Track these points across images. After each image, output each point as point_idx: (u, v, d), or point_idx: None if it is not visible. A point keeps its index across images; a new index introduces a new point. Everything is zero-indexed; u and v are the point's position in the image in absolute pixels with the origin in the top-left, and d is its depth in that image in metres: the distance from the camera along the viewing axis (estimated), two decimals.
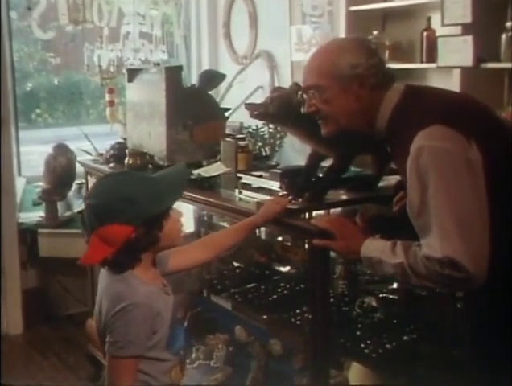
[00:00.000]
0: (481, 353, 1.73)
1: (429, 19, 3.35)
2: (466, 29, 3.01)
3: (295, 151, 3.59)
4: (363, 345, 2.30)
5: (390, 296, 2.51)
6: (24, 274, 4.20)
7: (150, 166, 2.96)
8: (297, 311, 2.53)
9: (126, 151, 3.05)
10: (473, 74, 3.02)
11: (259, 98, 2.82)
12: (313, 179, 2.25)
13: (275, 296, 2.76)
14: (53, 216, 4.12)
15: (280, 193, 2.24)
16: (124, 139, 3.38)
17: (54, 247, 4.03)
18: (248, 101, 2.86)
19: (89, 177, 3.46)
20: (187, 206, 3.14)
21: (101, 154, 3.44)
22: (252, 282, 2.92)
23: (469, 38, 2.97)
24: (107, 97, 4.25)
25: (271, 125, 3.72)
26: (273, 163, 2.90)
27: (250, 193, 2.37)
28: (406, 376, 2.20)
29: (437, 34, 3.24)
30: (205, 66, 4.89)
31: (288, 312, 2.54)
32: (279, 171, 2.34)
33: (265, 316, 2.58)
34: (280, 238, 2.99)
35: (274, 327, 2.60)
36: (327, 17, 4.00)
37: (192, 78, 4.83)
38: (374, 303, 2.54)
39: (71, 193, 4.24)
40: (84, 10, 4.28)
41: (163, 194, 1.69)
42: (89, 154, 3.84)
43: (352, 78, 1.78)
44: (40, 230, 4.11)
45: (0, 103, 3.95)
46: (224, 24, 4.86)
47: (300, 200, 2.13)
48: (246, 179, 2.44)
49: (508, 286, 1.62)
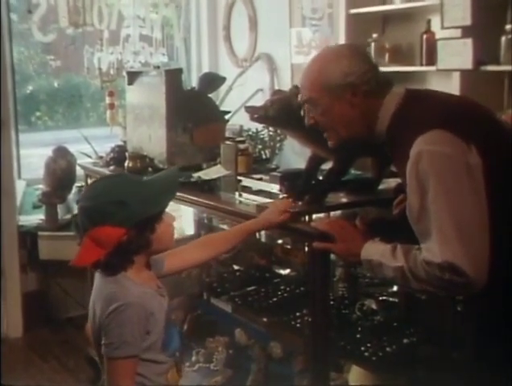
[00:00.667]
0: (481, 356, 1.72)
1: (429, 22, 3.35)
2: (466, 32, 3.01)
3: (295, 154, 3.59)
4: (363, 348, 2.30)
5: (390, 299, 2.51)
6: (24, 277, 4.20)
7: (150, 169, 2.96)
8: (297, 314, 2.53)
9: (126, 154, 3.05)
10: (473, 77, 3.02)
11: (259, 101, 2.83)
12: (313, 182, 2.25)
13: (275, 299, 2.76)
14: (53, 219, 4.12)
15: (280, 196, 2.24)
16: (124, 142, 3.38)
17: (54, 250, 4.02)
18: (248, 104, 2.86)
19: (89, 180, 3.46)
20: (187, 209, 3.16)
21: (101, 157, 3.44)
22: (252, 285, 2.92)
23: (469, 40, 2.97)
24: (107, 100, 4.26)
25: (271, 128, 3.73)
26: (273, 166, 2.91)
27: (250, 196, 2.37)
28: (406, 379, 2.20)
29: (437, 36, 3.24)
30: (205, 69, 4.89)
31: (288, 315, 2.54)
32: (279, 174, 2.34)
33: (265, 319, 2.58)
34: (280, 241, 3.00)
35: (274, 330, 2.60)
36: (327, 19, 4.00)
37: (192, 81, 4.83)
38: (374, 306, 2.53)
39: (71, 196, 4.23)
40: (84, 13, 4.28)
41: (155, 197, 1.70)
42: (89, 157, 3.84)
43: (343, 87, 1.79)
44: (40, 233, 4.11)
45: (0, 105, 3.95)
46: (224, 27, 4.86)
47: (300, 203, 2.13)
48: (246, 182, 2.45)
49: (508, 289, 1.62)
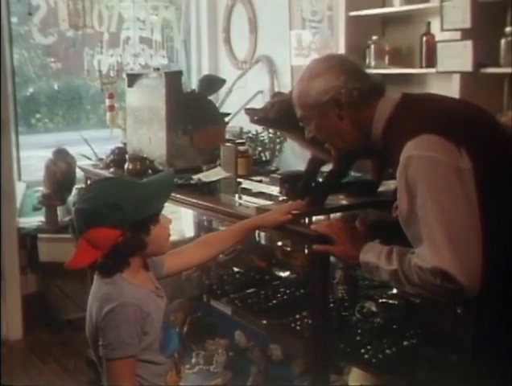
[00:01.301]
0: (481, 358, 1.72)
1: (429, 24, 3.35)
2: (466, 34, 3.01)
3: (295, 156, 3.59)
4: (363, 350, 2.30)
5: (390, 301, 2.51)
6: (24, 279, 4.20)
7: (150, 171, 2.95)
8: (297, 316, 2.54)
9: (126, 156, 3.04)
10: (473, 79, 3.02)
11: (259, 103, 2.83)
12: (313, 184, 2.25)
13: (275, 301, 2.76)
14: (53, 221, 4.12)
15: (280, 198, 2.24)
16: (124, 144, 3.38)
17: (54, 252, 4.01)
18: (248, 106, 2.87)
19: (89, 182, 3.46)
20: (186, 211, 3.16)
21: (101, 159, 3.44)
22: (252, 287, 2.92)
23: (469, 43, 2.97)
24: (107, 102, 4.26)
25: (271, 130, 3.73)
26: (273, 168, 2.90)
27: (250, 198, 2.37)
28: (406, 381, 2.20)
29: (437, 39, 3.24)
30: (205, 71, 4.90)
31: (288, 317, 2.55)
32: (279, 176, 2.33)
33: (265, 321, 2.58)
34: (280, 243, 3.00)
35: (274, 332, 2.60)
36: (326, 22, 4.00)
37: (192, 83, 4.84)
38: (374, 308, 2.53)
39: (71, 198, 4.23)
40: (84, 16, 4.29)
41: (149, 199, 1.72)
42: (89, 159, 3.84)
43: (325, 104, 1.81)
44: (40, 235, 4.11)
45: (0, 107, 3.95)
46: (224, 29, 4.86)
47: (302, 204, 2.13)
48: (246, 184, 2.44)
49: (506, 292, 1.62)
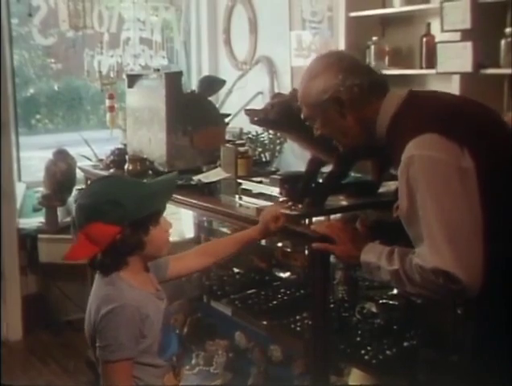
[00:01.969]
0: (482, 358, 1.72)
1: (429, 25, 3.35)
2: (466, 35, 3.01)
3: (295, 157, 3.59)
4: (363, 351, 2.30)
5: (391, 302, 2.51)
6: (24, 280, 4.20)
7: (150, 172, 2.96)
8: (297, 317, 2.54)
9: (126, 157, 3.04)
10: (473, 80, 3.02)
11: (259, 104, 2.84)
12: (313, 185, 2.25)
13: (275, 302, 2.76)
14: (53, 222, 4.12)
15: (280, 199, 2.24)
16: (124, 145, 3.38)
17: (54, 252, 4.00)
18: (248, 107, 2.87)
19: (89, 182, 3.46)
20: (187, 211, 3.15)
21: (101, 160, 3.44)
22: (252, 288, 2.92)
23: (469, 44, 2.98)
24: (107, 103, 4.26)
25: (271, 131, 3.73)
26: (273, 169, 2.90)
27: (250, 199, 2.37)
28: (406, 382, 2.20)
29: (437, 40, 3.24)
30: (205, 72, 4.89)
31: (288, 318, 2.55)
32: (279, 177, 2.33)
33: (265, 322, 2.58)
34: (280, 244, 3.00)
35: (274, 333, 2.60)
36: (326, 23, 4.00)
37: (192, 84, 4.83)
38: (374, 309, 2.53)
39: (71, 198, 4.22)
40: (84, 16, 4.29)
41: (149, 198, 1.72)
42: (89, 160, 3.83)
43: (326, 103, 1.81)
44: (40, 235, 4.11)
45: (0, 108, 3.95)
46: (224, 30, 4.86)
47: (300, 206, 2.13)
48: (246, 185, 2.44)
49: (508, 292, 1.62)
